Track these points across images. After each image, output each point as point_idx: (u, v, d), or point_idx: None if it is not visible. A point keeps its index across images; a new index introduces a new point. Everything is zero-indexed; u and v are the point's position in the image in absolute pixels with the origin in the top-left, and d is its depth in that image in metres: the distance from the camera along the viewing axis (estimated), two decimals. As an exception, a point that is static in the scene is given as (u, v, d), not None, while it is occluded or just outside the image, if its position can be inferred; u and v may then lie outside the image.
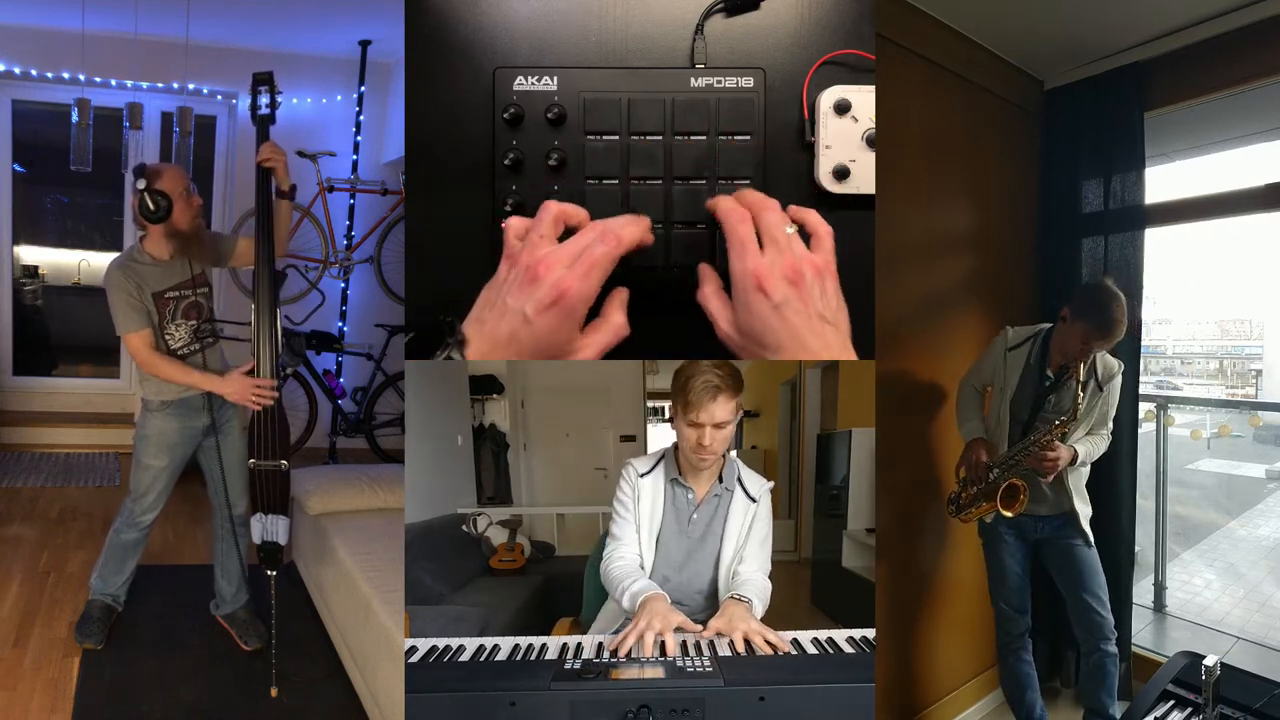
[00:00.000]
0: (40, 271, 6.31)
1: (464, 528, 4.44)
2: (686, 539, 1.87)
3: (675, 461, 1.89)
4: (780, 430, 7.05)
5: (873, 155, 1.30)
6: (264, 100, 2.79)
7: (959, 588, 3.32)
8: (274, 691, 2.72)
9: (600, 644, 1.52)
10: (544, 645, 1.53)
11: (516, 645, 1.52)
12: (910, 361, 3.11)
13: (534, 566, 4.38)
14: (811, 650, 1.51)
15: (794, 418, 6.67)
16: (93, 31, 4.52)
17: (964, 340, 3.24)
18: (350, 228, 5.57)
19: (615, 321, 1.17)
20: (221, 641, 3.06)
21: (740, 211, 1.18)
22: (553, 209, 1.18)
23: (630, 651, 1.45)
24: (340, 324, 5.64)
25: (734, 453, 1.95)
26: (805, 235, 1.19)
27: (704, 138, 1.31)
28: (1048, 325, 2.81)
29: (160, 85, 5.28)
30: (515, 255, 1.16)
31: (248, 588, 3.13)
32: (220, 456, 2.92)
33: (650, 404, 6.23)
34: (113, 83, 5.20)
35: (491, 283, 1.18)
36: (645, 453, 1.95)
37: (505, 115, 1.30)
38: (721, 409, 1.74)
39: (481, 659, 1.47)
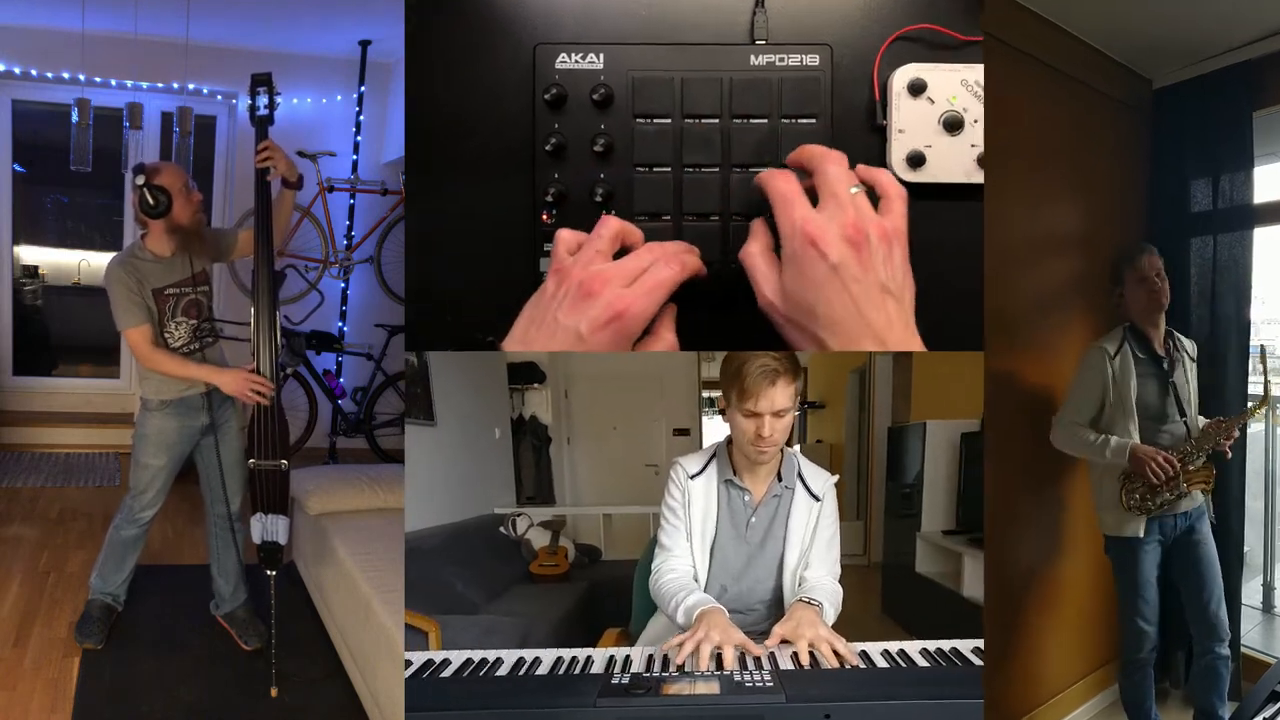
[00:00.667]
0: (40, 271, 6.31)
1: (501, 530, 4.22)
2: (745, 545, 1.72)
3: (729, 459, 1.74)
4: (848, 423, 6.65)
5: (950, 140, 1.19)
6: (262, 101, 2.79)
7: (1070, 588, 3.28)
8: (274, 691, 2.72)
9: (650, 657, 1.41)
10: (589, 658, 1.42)
11: (559, 658, 1.42)
12: (1012, 359, 3.08)
13: (578, 572, 4.13)
14: (881, 663, 1.38)
15: (863, 409, 6.29)
16: (93, 31, 4.51)
17: (1072, 339, 3.20)
18: (350, 228, 5.57)
19: (667, 340, 1.08)
20: (221, 641, 3.06)
21: (777, 171, 1.08)
22: (613, 225, 1.09)
23: (684, 664, 1.35)
24: (340, 324, 5.63)
25: (796, 447, 1.82)
26: (874, 199, 1.07)
27: (765, 121, 1.20)
28: (1126, 323, 2.83)
29: (160, 85, 5.27)
30: (566, 270, 1.07)
31: (246, 586, 3.12)
32: (219, 456, 2.92)
33: (706, 394, 5.87)
34: (113, 83, 5.19)
35: (537, 298, 1.08)
36: (701, 447, 1.79)
37: (546, 96, 1.20)
38: (781, 395, 1.58)
39: (520, 673, 1.37)
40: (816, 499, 1.74)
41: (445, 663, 1.42)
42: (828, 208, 1.03)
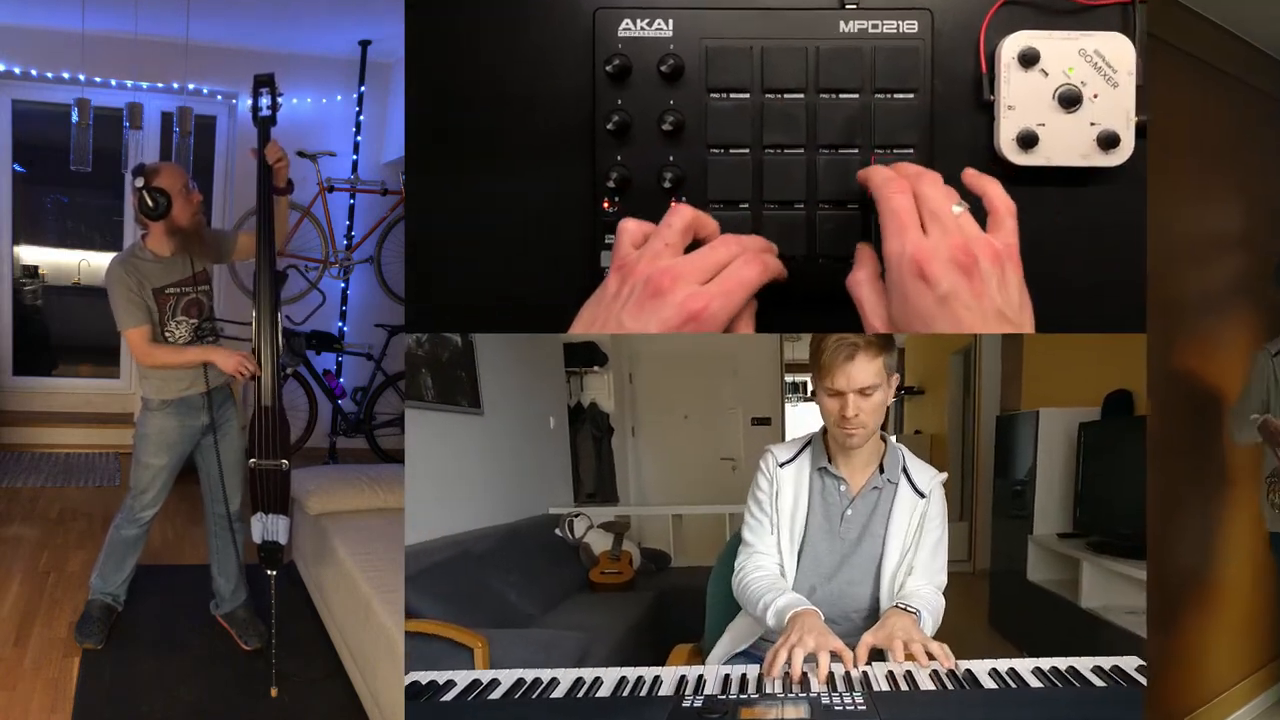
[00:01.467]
0: (40, 271, 6.31)
1: (557, 532, 3.91)
2: (839, 541, 1.56)
3: (824, 447, 1.60)
4: (950, 411, 6.02)
5: (1066, 117, 1.06)
6: (265, 102, 2.79)
7: (1231, 587, 3.27)
8: (274, 691, 2.71)
9: (726, 677, 1.27)
10: (656, 678, 1.29)
11: (623, 678, 1.29)
12: (1167, 355, 3.05)
13: (644, 581, 3.81)
14: (988, 684, 1.21)
15: (967, 395, 5.68)
16: (93, 31, 4.51)
17: (1232, 337, 3.19)
18: (350, 228, 5.57)
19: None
20: (221, 641, 3.06)
21: (898, 181, 0.97)
22: (685, 214, 0.98)
23: (775, 672, 1.22)
24: (340, 324, 5.64)
25: (894, 438, 1.65)
26: (980, 216, 0.98)
27: (856, 96, 1.07)
28: None
29: (160, 85, 5.27)
30: (630, 265, 0.96)
31: (246, 586, 3.12)
32: (218, 455, 2.92)
33: (789, 378, 5.27)
34: (113, 83, 5.19)
35: (597, 297, 0.98)
36: (784, 438, 1.66)
37: (608, 69, 1.07)
38: (862, 371, 1.43)
39: (579, 695, 1.24)
40: (921, 496, 1.58)
41: (494, 683, 1.29)
42: (932, 231, 0.94)
